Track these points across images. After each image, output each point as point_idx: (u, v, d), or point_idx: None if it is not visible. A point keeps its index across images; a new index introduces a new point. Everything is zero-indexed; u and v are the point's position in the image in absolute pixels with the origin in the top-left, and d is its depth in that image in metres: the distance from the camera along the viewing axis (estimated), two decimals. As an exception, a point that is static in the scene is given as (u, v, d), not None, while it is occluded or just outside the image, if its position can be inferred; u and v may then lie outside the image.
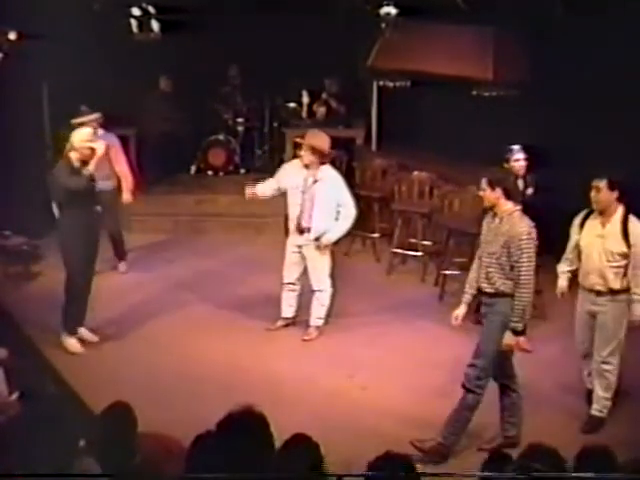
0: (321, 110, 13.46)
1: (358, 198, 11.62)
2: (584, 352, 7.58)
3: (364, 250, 11.51)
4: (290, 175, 8.89)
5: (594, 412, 7.35)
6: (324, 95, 13.47)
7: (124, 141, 12.92)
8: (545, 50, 10.32)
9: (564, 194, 8.95)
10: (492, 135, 11.07)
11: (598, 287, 7.32)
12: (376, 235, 11.30)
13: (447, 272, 10.07)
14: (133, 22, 11.45)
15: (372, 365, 8.37)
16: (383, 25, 11.17)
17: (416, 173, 11.00)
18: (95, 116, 10.18)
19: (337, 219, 8.84)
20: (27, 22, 10.34)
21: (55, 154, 10.37)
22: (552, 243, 7.73)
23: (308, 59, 12.73)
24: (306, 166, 8.73)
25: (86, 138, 8.67)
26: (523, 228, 6.78)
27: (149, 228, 11.70)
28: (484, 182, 7.06)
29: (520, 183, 8.35)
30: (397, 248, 10.78)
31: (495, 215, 7.02)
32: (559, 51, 10.17)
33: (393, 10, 10.90)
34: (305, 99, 13.59)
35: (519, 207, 6.95)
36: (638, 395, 7.67)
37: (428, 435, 6.95)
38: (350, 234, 11.40)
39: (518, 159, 9.13)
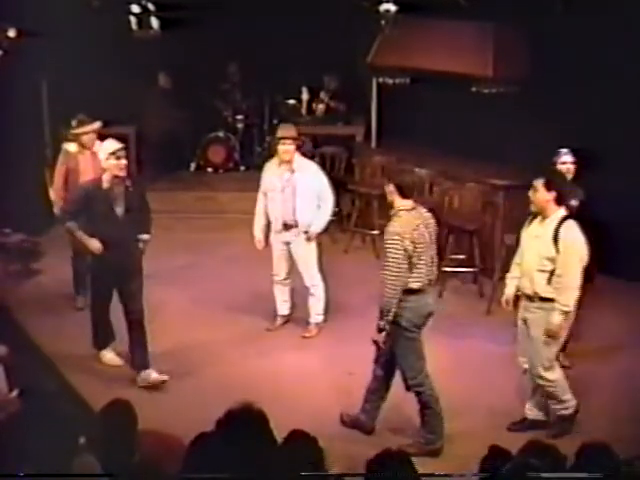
0: (320, 107, 13.47)
1: (358, 195, 11.70)
2: (525, 365, 7.25)
3: (364, 247, 11.51)
4: (268, 178, 8.87)
5: (560, 412, 7.18)
6: (323, 92, 13.47)
7: (123, 139, 12.96)
8: (545, 46, 10.33)
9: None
10: (492, 132, 11.09)
11: (527, 291, 7.03)
12: (376, 232, 11.29)
13: (447, 269, 10.07)
14: (132, 19, 11.44)
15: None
16: (382, 22, 11.16)
17: (416, 170, 10.98)
18: (95, 126, 9.36)
19: (318, 207, 8.79)
20: (26, 19, 10.33)
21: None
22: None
23: (308, 56, 12.74)
24: (286, 162, 8.70)
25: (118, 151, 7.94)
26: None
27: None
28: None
29: None
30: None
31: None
32: (559, 47, 10.17)
33: (392, 7, 10.89)
34: (305, 96, 13.60)
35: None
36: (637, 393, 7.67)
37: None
38: (350, 231, 11.46)
39: (565, 162, 8.27)
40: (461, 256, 10.20)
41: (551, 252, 6.85)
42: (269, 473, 4.20)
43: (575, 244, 6.86)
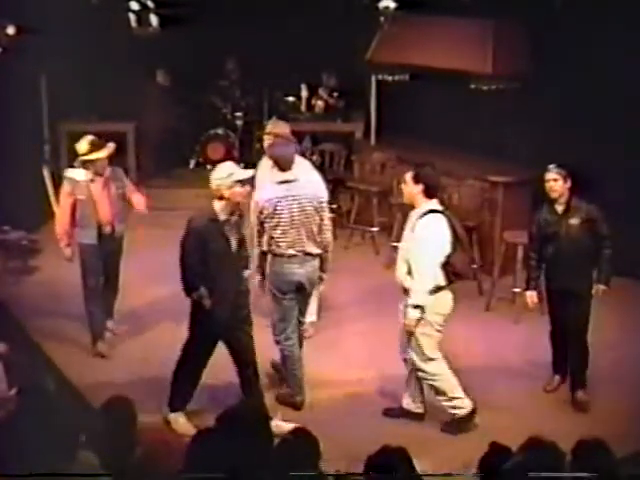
0: (320, 104, 13.46)
1: (357, 192, 11.69)
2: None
3: (363, 243, 11.51)
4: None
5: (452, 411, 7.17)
6: (322, 89, 13.46)
7: (122, 136, 12.98)
8: (545, 43, 10.32)
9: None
10: (491, 128, 11.09)
11: (399, 283, 7.07)
12: (375, 229, 11.30)
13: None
14: (131, 16, 11.43)
15: (371, 358, 8.37)
16: (381, 19, 11.16)
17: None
18: (111, 149, 8.28)
19: None
20: (25, 17, 10.32)
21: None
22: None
23: (307, 53, 12.73)
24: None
25: (232, 176, 6.87)
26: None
27: (148, 222, 11.69)
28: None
29: (559, 208, 7.48)
30: (396, 242, 10.75)
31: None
32: (559, 44, 10.16)
33: (391, 3, 10.90)
34: (304, 93, 13.59)
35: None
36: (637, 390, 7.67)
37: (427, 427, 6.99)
38: (349, 228, 11.45)
39: (548, 179, 7.51)
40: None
41: (409, 244, 6.93)
42: (268, 471, 4.20)
43: (426, 239, 6.82)
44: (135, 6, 11.49)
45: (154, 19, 11.63)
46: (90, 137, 8.19)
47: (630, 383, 7.73)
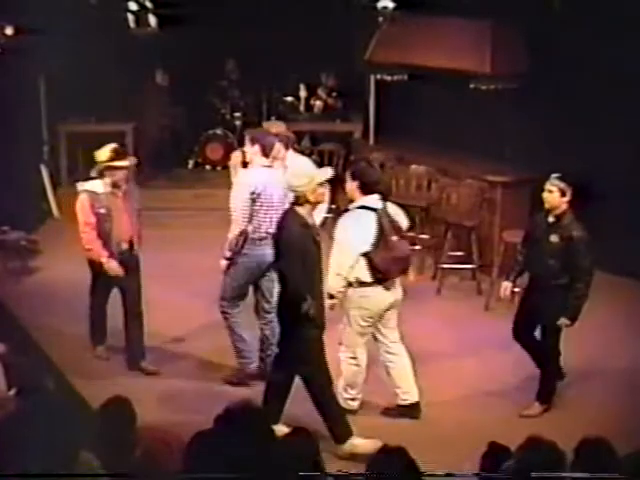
0: (319, 104, 13.47)
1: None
2: None
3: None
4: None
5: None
6: (321, 89, 13.47)
7: (121, 137, 12.98)
8: (543, 43, 10.33)
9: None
10: (490, 128, 11.09)
11: None
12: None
13: (445, 266, 10.08)
14: (130, 17, 11.44)
15: (369, 360, 8.36)
16: (380, 19, 11.17)
17: (414, 167, 11.00)
18: (133, 159, 8.08)
19: None
20: (24, 17, 10.33)
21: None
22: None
23: (306, 53, 12.74)
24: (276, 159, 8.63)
25: (314, 180, 6.73)
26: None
27: (147, 223, 11.70)
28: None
29: (550, 219, 7.35)
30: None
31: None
32: (558, 44, 10.17)
33: (390, 3, 10.91)
34: (303, 93, 13.60)
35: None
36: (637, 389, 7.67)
37: (429, 432, 7.01)
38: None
39: (544, 189, 7.38)
40: (459, 253, 10.20)
41: None
42: (268, 471, 4.20)
43: (338, 232, 7.01)
44: (133, 6, 11.50)
45: (152, 19, 11.64)
46: (113, 145, 7.85)
47: (631, 384, 7.72)
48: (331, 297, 7.02)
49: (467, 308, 9.61)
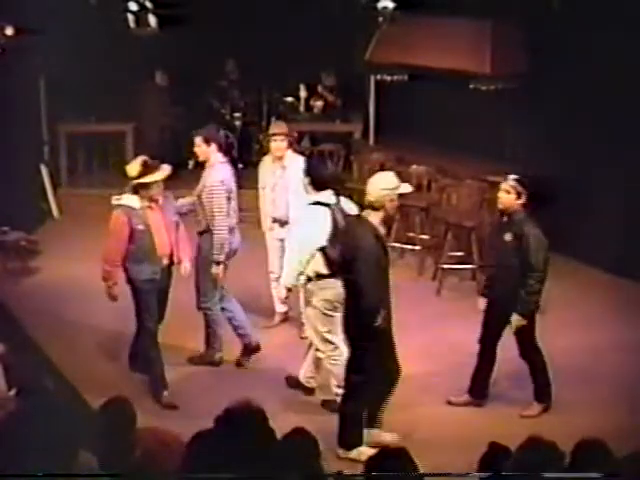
0: (318, 104, 13.46)
1: (356, 192, 11.67)
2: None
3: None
4: (262, 174, 8.90)
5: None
6: (320, 89, 13.47)
7: (121, 137, 12.99)
8: (543, 43, 10.33)
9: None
10: (490, 128, 11.09)
11: None
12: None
13: (445, 266, 10.07)
14: (130, 17, 11.44)
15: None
16: (380, 19, 11.17)
17: (414, 167, 11.00)
18: (168, 171, 7.58)
19: None
20: (24, 17, 10.33)
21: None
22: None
23: (305, 53, 12.74)
24: (278, 159, 8.66)
25: (398, 189, 6.65)
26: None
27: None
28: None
29: (504, 219, 7.37)
30: (395, 242, 10.76)
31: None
32: (558, 44, 10.17)
33: (390, 4, 10.90)
34: (302, 93, 13.60)
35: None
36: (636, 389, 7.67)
37: (426, 434, 7.01)
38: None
39: (500, 189, 7.39)
40: (459, 253, 10.20)
41: None
42: (268, 471, 4.20)
43: (295, 227, 7.49)
44: (134, 6, 11.49)
45: (152, 19, 11.64)
46: (142, 158, 7.49)
47: (632, 385, 7.72)
48: (288, 290, 7.43)
49: (467, 308, 9.59)
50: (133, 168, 7.37)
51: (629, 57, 9.50)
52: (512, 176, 7.32)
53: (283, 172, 8.66)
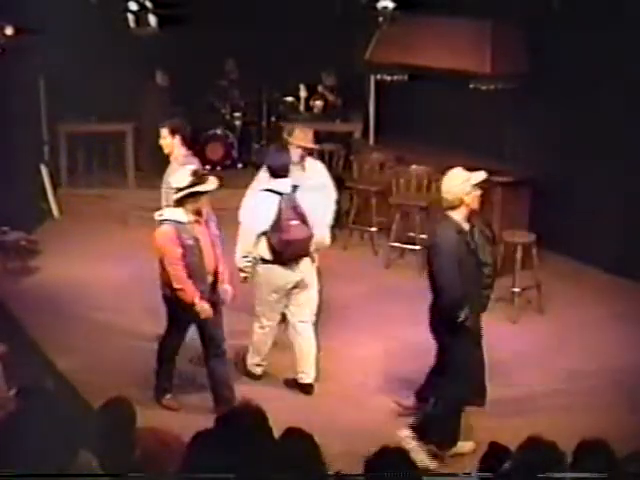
0: (318, 104, 13.46)
1: (356, 192, 11.68)
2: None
3: (362, 244, 11.50)
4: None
5: None
6: (321, 88, 13.47)
7: (121, 137, 12.98)
8: (543, 43, 10.33)
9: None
10: (490, 128, 11.09)
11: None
12: (374, 229, 11.30)
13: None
14: (130, 16, 11.43)
15: (371, 358, 8.38)
16: (380, 19, 11.16)
17: (414, 167, 11.00)
18: (215, 183, 7.10)
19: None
20: (24, 17, 10.33)
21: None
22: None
23: (306, 53, 12.74)
24: (297, 162, 8.60)
25: (470, 180, 6.57)
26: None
27: (147, 224, 11.70)
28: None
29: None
30: (395, 242, 10.78)
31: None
32: (558, 44, 10.17)
33: (390, 3, 10.89)
34: (302, 93, 13.60)
35: None
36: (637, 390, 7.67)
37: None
38: (348, 228, 11.45)
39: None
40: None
41: None
42: (267, 471, 4.20)
43: (241, 211, 7.61)
44: (133, 6, 11.48)
45: (152, 19, 11.62)
46: (191, 167, 7.18)
47: (632, 385, 7.72)
48: (241, 271, 7.59)
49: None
50: (182, 178, 6.98)
51: (629, 57, 9.50)
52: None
53: (303, 174, 8.60)
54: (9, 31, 10.41)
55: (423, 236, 10.64)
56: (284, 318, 7.91)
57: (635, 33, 9.31)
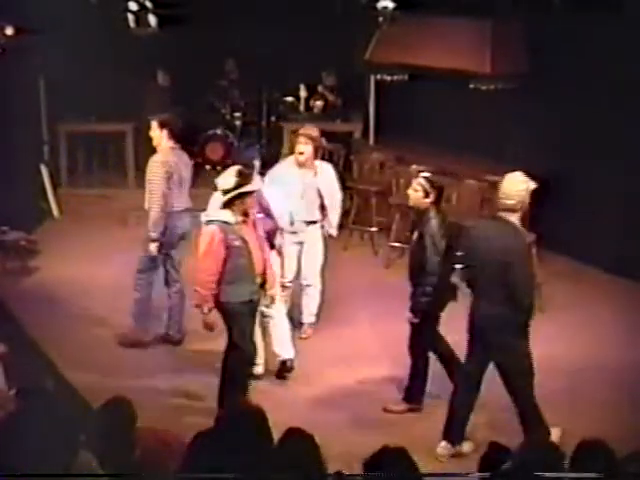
0: (318, 104, 13.46)
1: (356, 192, 11.68)
2: None
3: (362, 244, 11.50)
4: (285, 174, 8.61)
5: None
6: (321, 88, 13.47)
7: (121, 137, 12.99)
8: (544, 42, 10.33)
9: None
10: (490, 128, 11.09)
11: None
12: (374, 229, 11.29)
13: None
14: (130, 17, 11.43)
15: (371, 358, 8.38)
16: (380, 19, 11.16)
17: (414, 166, 10.98)
18: (260, 182, 7.46)
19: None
20: (24, 17, 10.33)
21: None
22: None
23: (306, 53, 12.74)
24: (301, 164, 8.62)
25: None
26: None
27: (146, 222, 11.70)
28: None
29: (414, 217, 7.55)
30: (395, 242, 10.77)
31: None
32: (558, 43, 10.17)
33: (390, 3, 10.89)
34: (302, 93, 13.59)
35: None
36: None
37: (431, 430, 7.01)
38: (348, 228, 11.45)
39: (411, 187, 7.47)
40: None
41: None
42: (267, 472, 4.20)
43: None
44: (133, 6, 11.48)
45: (152, 19, 11.62)
46: (235, 168, 7.01)
47: (633, 385, 7.72)
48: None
49: (467, 308, 9.59)
50: (228, 180, 6.86)
51: (629, 56, 9.49)
52: (423, 174, 7.36)
53: (314, 179, 8.60)
54: (9, 31, 10.41)
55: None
56: None
57: (635, 33, 9.31)
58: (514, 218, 6.53)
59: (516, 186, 6.52)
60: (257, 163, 8.03)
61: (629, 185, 9.84)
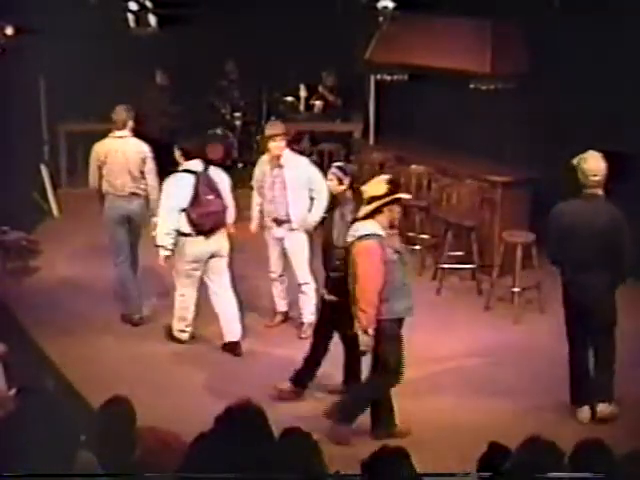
0: (318, 104, 13.47)
1: (355, 192, 11.67)
2: None
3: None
4: (260, 174, 8.86)
5: None
6: (321, 88, 13.47)
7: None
8: (544, 42, 10.33)
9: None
10: (490, 128, 11.09)
11: None
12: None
13: (445, 266, 10.07)
14: (130, 16, 11.45)
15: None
16: (380, 18, 11.17)
17: (414, 166, 11.00)
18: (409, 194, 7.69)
19: (312, 201, 8.65)
20: (24, 17, 10.34)
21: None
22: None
23: (306, 53, 12.74)
24: (276, 158, 8.65)
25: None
26: None
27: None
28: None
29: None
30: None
31: None
32: (558, 43, 10.17)
33: (390, 3, 10.90)
34: (302, 93, 13.61)
35: None
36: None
37: (425, 433, 7.01)
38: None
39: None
40: (459, 253, 10.19)
41: None
42: (268, 471, 4.20)
43: (162, 192, 8.41)
44: (133, 6, 11.50)
45: (152, 19, 11.64)
46: (386, 176, 6.79)
47: (632, 385, 7.71)
48: (163, 248, 8.18)
49: (467, 308, 9.61)
50: (378, 187, 6.56)
51: (629, 56, 9.49)
52: (335, 164, 7.76)
53: (280, 171, 8.64)
54: (9, 31, 10.43)
55: (423, 236, 10.66)
56: None
57: (635, 33, 9.31)
58: (601, 192, 7.04)
59: (600, 163, 7.03)
60: None
61: (628, 183, 9.83)
